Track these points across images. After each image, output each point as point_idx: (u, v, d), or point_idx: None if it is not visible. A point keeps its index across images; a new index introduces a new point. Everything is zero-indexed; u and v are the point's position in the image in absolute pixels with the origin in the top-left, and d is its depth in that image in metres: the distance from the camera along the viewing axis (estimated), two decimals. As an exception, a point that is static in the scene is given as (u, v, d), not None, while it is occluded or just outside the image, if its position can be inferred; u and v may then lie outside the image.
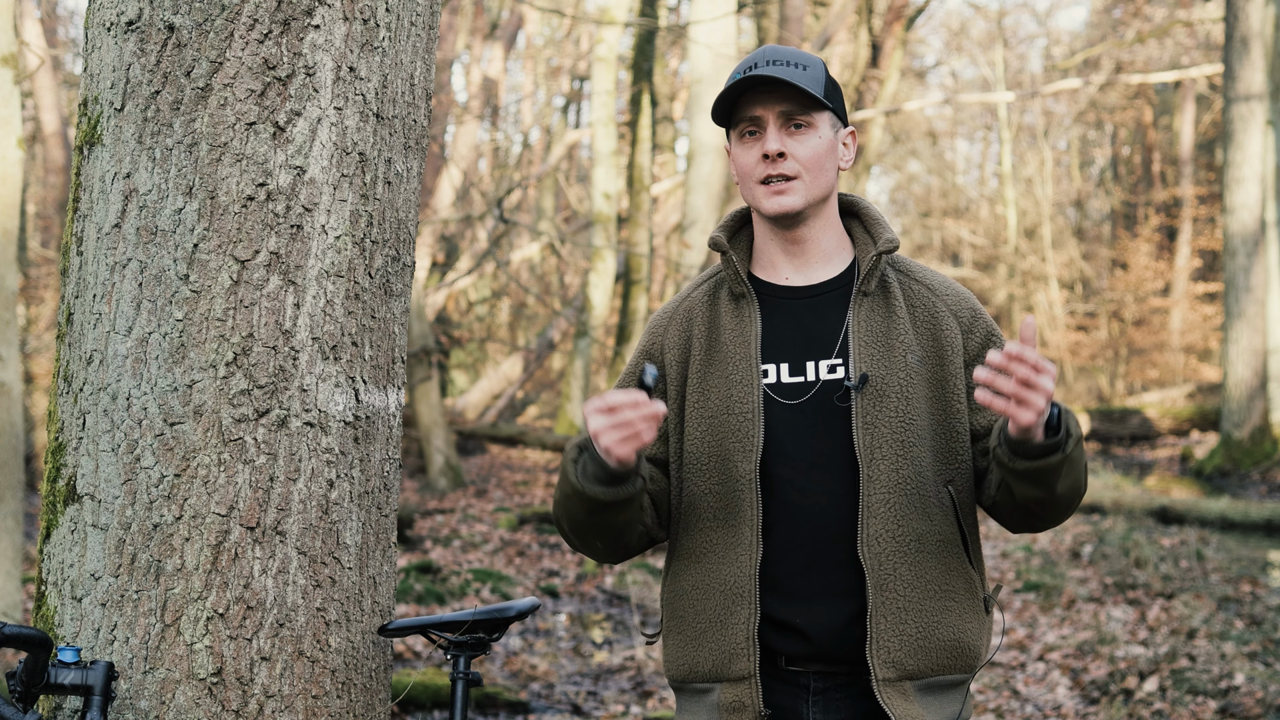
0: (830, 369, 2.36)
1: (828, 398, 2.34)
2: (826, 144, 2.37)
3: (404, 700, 6.13)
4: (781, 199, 2.35)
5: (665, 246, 19.38)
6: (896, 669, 2.28)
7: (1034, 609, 8.51)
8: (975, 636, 2.38)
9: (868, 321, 2.37)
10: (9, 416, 6.10)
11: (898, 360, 2.34)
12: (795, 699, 2.33)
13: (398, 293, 2.52)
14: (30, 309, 17.43)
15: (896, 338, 2.36)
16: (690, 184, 11.41)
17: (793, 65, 2.34)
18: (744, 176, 2.39)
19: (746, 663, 2.30)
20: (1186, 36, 26.83)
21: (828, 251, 2.43)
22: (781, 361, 2.38)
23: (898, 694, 2.27)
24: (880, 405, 2.32)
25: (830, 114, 2.38)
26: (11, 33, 5.96)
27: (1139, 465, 18.50)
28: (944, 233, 33.71)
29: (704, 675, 2.36)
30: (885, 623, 2.28)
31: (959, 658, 2.34)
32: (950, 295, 2.43)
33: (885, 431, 2.31)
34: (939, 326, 2.38)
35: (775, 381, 2.37)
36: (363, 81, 2.40)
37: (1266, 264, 16.09)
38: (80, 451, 2.35)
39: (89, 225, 2.38)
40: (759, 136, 2.36)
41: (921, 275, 2.45)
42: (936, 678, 2.32)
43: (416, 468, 15.60)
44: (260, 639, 2.31)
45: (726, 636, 2.33)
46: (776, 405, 2.36)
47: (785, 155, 2.33)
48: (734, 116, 2.38)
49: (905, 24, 22.17)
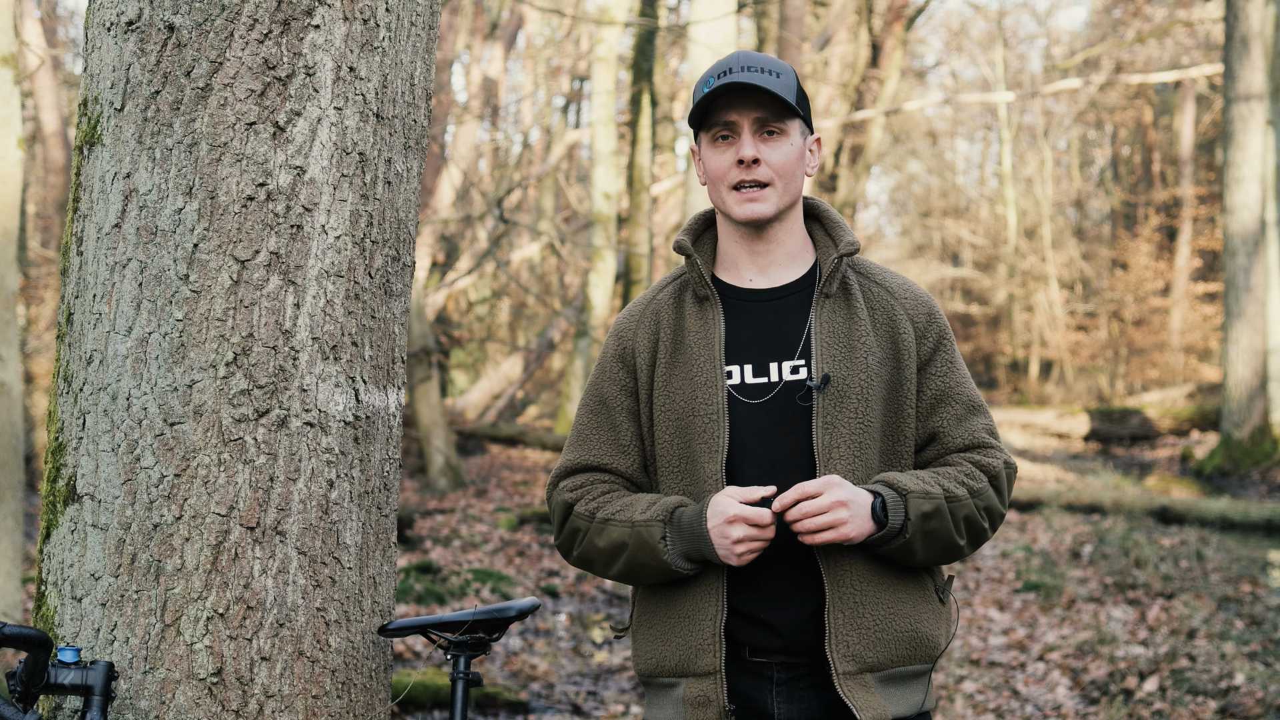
0: (793, 369, 2.40)
1: (790, 398, 2.39)
2: (797, 151, 2.42)
3: (404, 700, 6.13)
4: (754, 206, 2.39)
5: (665, 246, 19.39)
6: (856, 662, 2.33)
7: (1034, 609, 8.51)
8: (932, 627, 2.42)
9: (830, 323, 2.41)
10: (9, 416, 6.10)
11: (859, 362, 2.39)
12: (759, 690, 2.38)
13: (398, 293, 2.52)
14: (30, 309, 17.43)
15: (858, 339, 2.41)
16: (690, 184, 11.42)
17: (767, 72, 2.38)
18: (715, 180, 2.42)
19: (712, 658, 2.35)
20: (1186, 36, 26.83)
21: (791, 254, 2.48)
22: (745, 362, 2.42)
23: (859, 686, 2.32)
24: (841, 406, 2.37)
25: (800, 121, 2.43)
26: (11, 33, 5.96)
27: (1139, 465, 18.51)
28: (944, 233, 33.72)
29: (670, 670, 2.41)
30: (843, 617, 2.33)
31: (917, 648, 2.39)
32: (908, 298, 2.48)
33: (844, 432, 2.36)
34: (897, 330, 2.44)
35: (739, 382, 2.41)
36: (363, 81, 2.41)
37: (1266, 264, 16.09)
38: (80, 451, 2.35)
39: (89, 225, 2.38)
40: (732, 141, 2.40)
41: (881, 277, 2.51)
42: (896, 669, 2.37)
43: (416, 468, 15.60)
44: (260, 639, 2.31)
45: (693, 632, 2.38)
46: (741, 405, 2.40)
47: (760, 161, 2.38)
48: (706, 120, 2.41)
49: (905, 24, 22.18)
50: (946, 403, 2.44)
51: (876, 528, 2.30)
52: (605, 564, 2.43)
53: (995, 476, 2.42)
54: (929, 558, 2.38)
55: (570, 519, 2.47)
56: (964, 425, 2.44)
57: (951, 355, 2.48)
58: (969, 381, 2.49)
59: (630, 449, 2.48)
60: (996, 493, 2.42)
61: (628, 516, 2.39)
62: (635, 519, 2.37)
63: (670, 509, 2.37)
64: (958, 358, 2.49)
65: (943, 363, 2.46)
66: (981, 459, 2.42)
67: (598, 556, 2.43)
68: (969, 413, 2.45)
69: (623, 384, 2.49)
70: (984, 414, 2.47)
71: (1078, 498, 13.38)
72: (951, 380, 2.45)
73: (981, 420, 2.46)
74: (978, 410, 2.46)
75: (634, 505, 2.41)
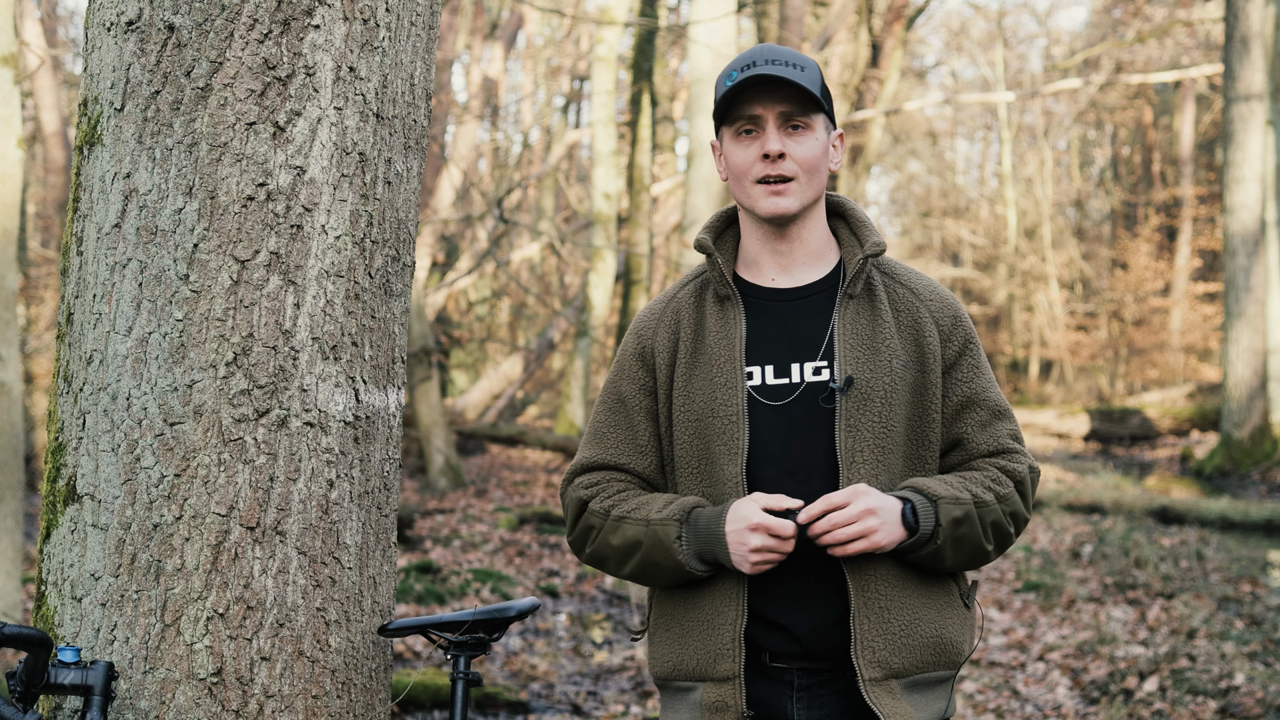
0: (815, 371, 2.37)
1: (813, 399, 2.36)
2: (822, 146, 2.38)
3: (404, 700, 6.13)
4: (779, 200, 2.35)
5: (665, 246, 19.38)
6: (882, 668, 2.30)
7: (1034, 609, 8.51)
8: (957, 632, 2.40)
9: (853, 324, 2.38)
10: (9, 416, 6.10)
11: (883, 364, 2.36)
12: (780, 695, 2.35)
13: (398, 293, 2.52)
14: (30, 309, 17.43)
15: (882, 342, 2.37)
16: (690, 184, 11.41)
17: (792, 65, 2.33)
18: (739, 175, 2.38)
19: (731, 663, 2.32)
20: (1186, 36, 26.82)
21: (815, 253, 2.44)
22: (766, 363, 2.38)
23: (885, 692, 2.29)
24: (864, 409, 2.33)
25: (824, 116, 2.39)
26: (11, 33, 5.96)
27: (1139, 465, 18.51)
28: (944, 233, 33.71)
29: (688, 674, 2.38)
30: (869, 623, 2.30)
31: (942, 654, 2.36)
32: (934, 300, 2.44)
33: (867, 435, 2.33)
34: (922, 332, 2.40)
35: (760, 383, 2.38)
36: (363, 81, 2.40)
37: (1266, 264, 16.09)
38: (80, 451, 2.35)
39: (89, 225, 2.38)
40: (756, 135, 2.36)
41: (906, 279, 2.46)
42: (922, 675, 2.34)
43: (416, 468, 15.60)
44: (260, 639, 2.31)
45: (713, 636, 2.34)
46: (761, 407, 2.37)
47: (785, 156, 2.34)
48: (730, 114, 2.37)
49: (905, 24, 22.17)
50: (972, 408, 2.41)
51: (908, 534, 2.28)
52: (618, 562, 2.40)
53: (1021, 482, 2.39)
54: (958, 563, 2.36)
55: (584, 516, 2.45)
56: (989, 430, 2.41)
57: (977, 359, 2.44)
58: (994, 386, 2.45)
59: (648, 449, 2.45)
60: (1022, 498, 2.40)
61: (643, 515, 2.36)
62: (651, 517, 2.35)
63: (688, 508, 2.34)
64: (983, 362, 2.46)
65: (968, 367, 2.42)
66: (1007, 464, 2.39)
67: (611, 554, 2.41)
68: (994, 418, 2.42)
69: (642, 383, 2.46)
70: (1009, 419, 2.44)
71: (1078, 498, 13.38)
72: (977, 385, 2.42)
73: (1006, 425, 2.43)
74: (1003, 415, 2.43)
75: (650, 504, 2.38)
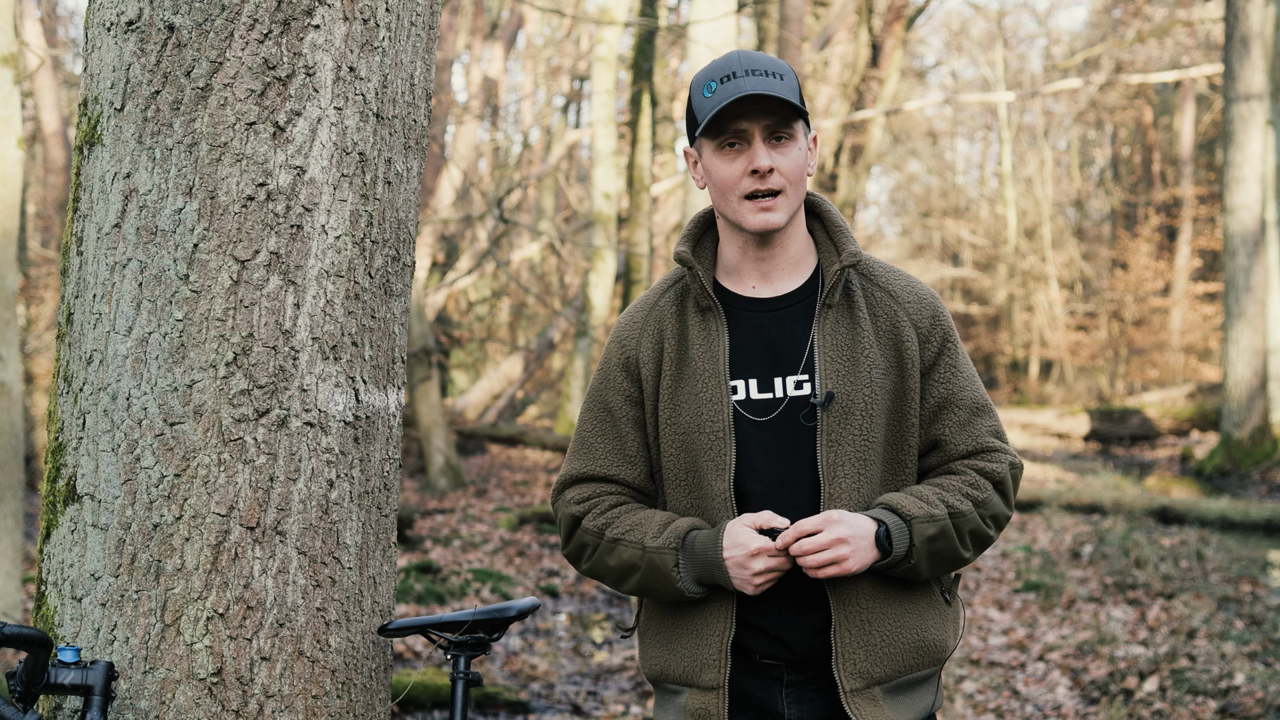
0: (797, 385, 2.36)
1: (795, 415, 2.36)
2: (804, 153, 2.36)
3: (404, 700, 6.13)
4: (769, 215, 2.33)
5: (665, 246, 19.39)
6: (863, 679, 2.32)
7: (1034, 609, 8.51)
8: (939, 631, 2.41)
9: (833, 335, 2.37)
10: (9, 416, 6.10)
11: (863, 376, 2.35)
12: (769, 690, 2.37)
13: (398, 293, 2.52)
14: (30, 309, 17.43)
15: (861, 352, 2.37)
16: (690, 184, 11.42)
17: (773, 75, 2.31)
18: (724, 189, 2.35)
19: (716, 674, 2.34)
20: (1186, 36, 26.82)
21: (795, 259, 2.43)
22: (750, 377, 2.38)
23: (866, 701, 2.31)
24: (845, 423, 2.33)
25: (802, 121, 2.37)
26: (11, 33, 5.96)
27: (1139, 465, 18.50)
28: (944, 233, 33.71)
29: (675, 678, 2.40)
30: (850, 636, 2.32)
31: (925, 655, 2.38)
32: (911, 302, 2.43)
33: (848, 450, 2.33)
34: (900, 337, 2.39)
35: (745, 398, 2.37)
36: (363, 81, 2.40)
37: (1266, 264, 16.09)
38: (80, 451, 2.35)
39: (89, 225, 2.38)
40: (741, 149, 2.33)
41: (884, 280, 2.45)
42: (905, 677, 2.36)
43: (416, 468, 15.60)
44: (260, 639, 2.31)
45: (701, 646, 2.36)
46: (746, 422, 2.36)
47: (774, 170, 2.31)
48: (713, 127, 2.33)
49: (905, 24, 22.18)
50: (950, 409, 2.40)
51: (881, 555, 2.28)
52: (615, 580, 2.42)
53: (1000, 482, 2.39)
54: (934, 573, 2.37)
55: (577, 533, 2.45)
56: (967, 430, 2.40)
57: (955, 358, 2.43)
58: (973, 383, 2.44)
59: (636, 459, 2.45)
60: (1002, 497, 2.40)
61: (638, 539, 2.36)
62: (647, 544, 2.34)
63: (683, 534, 2.34)
64: (961, 359, 2.44)
65: (946, 367, 2.41)
66: (985, 465, 2.39)
67: (608, 574, 2.42)
68: (973, 416, 2.41)
69: (627, 394, 2.44)
70: (989, 415, 2.43)
71: (1078, 498, 13.38)
72: (954, 385, 2.41)
73: (986, 422, 2.42)
74: (982, 412, 2.42)
75: (644, 526, 2.37)
